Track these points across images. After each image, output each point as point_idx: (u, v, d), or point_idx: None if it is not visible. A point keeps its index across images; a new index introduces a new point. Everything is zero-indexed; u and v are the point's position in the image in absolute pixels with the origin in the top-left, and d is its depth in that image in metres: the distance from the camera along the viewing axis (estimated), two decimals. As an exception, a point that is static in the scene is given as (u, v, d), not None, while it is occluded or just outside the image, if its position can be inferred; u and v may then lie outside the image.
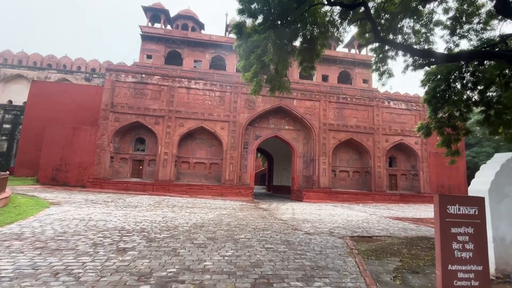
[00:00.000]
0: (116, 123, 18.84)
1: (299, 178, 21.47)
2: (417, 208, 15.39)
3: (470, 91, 11.12)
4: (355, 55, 30.13)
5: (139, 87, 19.54)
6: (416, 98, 23.33)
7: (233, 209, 11.30)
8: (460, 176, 23.49)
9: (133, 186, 18.35)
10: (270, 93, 8.51)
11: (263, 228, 6.64)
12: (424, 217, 11.22)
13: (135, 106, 19.15)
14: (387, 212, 12.39)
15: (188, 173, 20.28)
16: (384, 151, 21.80)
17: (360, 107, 22.16)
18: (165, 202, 12.23)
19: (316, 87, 22.03)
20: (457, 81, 11.10)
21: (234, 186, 19.28)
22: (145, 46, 27.82)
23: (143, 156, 19.94)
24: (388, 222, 9.07)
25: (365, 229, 7.43)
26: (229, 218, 8.35)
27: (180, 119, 19.58)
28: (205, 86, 20.28)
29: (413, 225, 8.49)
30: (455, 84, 11.12)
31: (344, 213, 11.27)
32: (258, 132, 21.45)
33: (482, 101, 10.98)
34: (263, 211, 11.07)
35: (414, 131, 22.45)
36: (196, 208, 10.87)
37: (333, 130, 21.37)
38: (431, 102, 11.17)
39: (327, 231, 6.74)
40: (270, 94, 8.53)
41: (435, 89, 10.97)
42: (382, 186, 21.23)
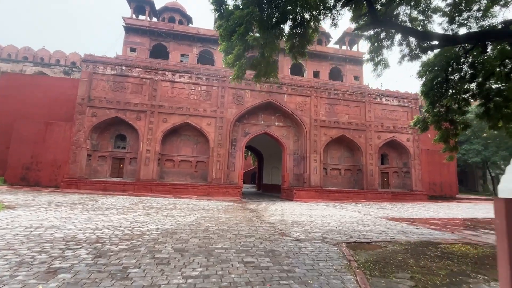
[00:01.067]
0: (94, 119, 17.50)
1: (290, 177, 20.68)
2: (411, 207, 14.84)
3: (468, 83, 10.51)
4: (346, 51, 29.61)
5: (119, 80, 18.23)
6: (408, 95, 22.92)
7: (217, 210, 10.34)
8: (451, 174, 23.28)
9: (112, 186, 17.09)
10: (255, 80, 7.57)
11: (246, 234, 5.72)
12: (421, 217, 10.57)
13: (114, 100, 17.84)
14: (381, 212, 11.70)
15: (172, 172, 19.14)
16: (376, 148, 21.27)
17: (352, 103, 21.53)
18: (143, 204, 11.14)
19: (307, 82, 21.26)
20: (455, 73, 10.48)
21: (221, 185, 18.29)
22: (128, 39, 26.40)
23: (123, 153, 18.66)
24: (384, 223, 8.32)
25: (362, 232, 6.62)
26: (209, 221, 7.39)
27: (163, 115, 18.40)
28: (191, 80, 19.15)
29: (412, 227, 7.76)
30: (453, 75, 10.50)
31: (337, 214, 10.50)
32: (247, 128, 20.51)
33: (481, 93, 10.37)
34: (250, 213, 10.16)
35: (407, 128, 22.08)
36: (176, 210, 9.85)
37: (325, 127, 20.65)
38: (428, 94, 10.52)
39: (319, 237, 5.88)
40: (255, 80, 7.58)
41: (432, 81, 10.30)
42: (374, 184, 20.70)
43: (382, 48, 10.24)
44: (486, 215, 11.88)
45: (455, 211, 13.58)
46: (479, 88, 10.25)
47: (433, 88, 10.41)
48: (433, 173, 22.68)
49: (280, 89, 20.30)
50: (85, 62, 18.01)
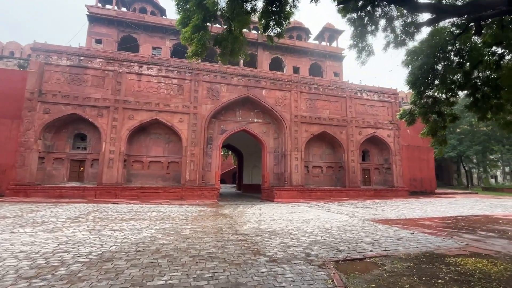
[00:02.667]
0: (46, 116, 15.30)
1: (270, 176, 19.56)
2: (396, 205, 14.22)
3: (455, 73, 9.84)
4: (326, 47, 29.01)
5: (76, 71, 16.11)
6: (388, 90, 22.62)
7: (184, 218, 8.92)
8: (431, 169, 23.33)
9: (70, 193, 15.03)
10: (220, 59, 6.23)
11: (209, 256, 4.43)
12: (410, 217, 9.79)
13: (71, 95, 15.72)
14: (367, 213, 10.83)
15: (141, 174, 17.33)
16: (358, 145, 20.70)
17: (333, 98, 20.79)
18: (96, 214, 9.45)
19: (287, 76, 20.22)
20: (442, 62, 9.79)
21: (195, 188, 16.77)
22: (93, 30, 24.02)
23: (84, 155, 16.57)
24: (374, 228, 7.34)
25: (351, 243, 5.53)
26: (167, 236, 6.00)
27: (129, 111, 16.53)
28: (160, 73, 17.40)
29: (406, 232, 6.82)
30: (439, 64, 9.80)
31: (320, 217, 9.45)
32: (224, 125, 19.10)
33: (468, 83, 9.72)
34: (223, 220, 8.85)
35: (387, 123, 21.71)
36: (134, 220, 8.32)
37: (306, 123, 19.73)
38: (415, 84, 9.71)
39: (301, 253, 4.71)
40: (220, 59, 6.24)
41: (420, 69, 9.51)
42: (356, 181, 20.12)
43: (366, 34, 9.23)
44: (473, 212, 11.41)
45: (440, 207, 13.10)
46: (466, 77, 9.58)
47: (419, 77, 9.65)
48: (413, 168, 22.57)
49: (258, 83, 19.08)
50: (36, 51, 15.71)
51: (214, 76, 18.28)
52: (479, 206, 13.81)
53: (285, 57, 27.98)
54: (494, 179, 39.31)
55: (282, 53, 27.89)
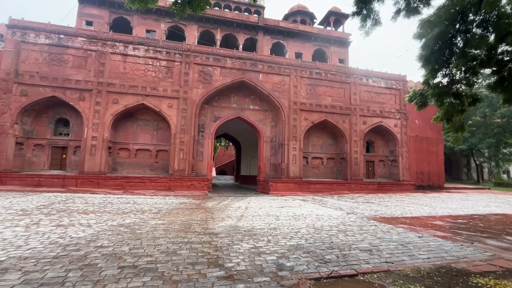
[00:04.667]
0: (23, 98, 14.21)
1: (266, 167, 18.34)
2: (401, 200, 12.89)
3: (476, 47, 8.28)
4: (331, 31, 27.14)
5: (56, 51, 14.90)
6: (397, 76, 20.92)
7: (156, 212, 7.79)
8: (439, 162, 21.78)
9: (49, 181, 14.07)
10: (174, 9, 4.91)
11: (145, 267, 3.30)
12: (417, 215, 8.49)
13: (50, 76, 14.57)
14: (368, 209, 9.56)
15: (128, 163, 16.28)
16: (362, 135, 19.24)
17: (336, 84, 19.24)
18: (61, 205, 8.41)
19: (286, 60, 18.69)
20: (461, 34, 8.24)
21: (185, 178, 15.67)
22: (83, 10, 22.64)
23: (66, 141, 15.55)
24: (374, 228, 6.08)
25: (342, 250, 4.30)
26: (116, 236, 4.87)
27: (113, 94, 15.34)
28: (147, 53, 16.08)
29: (413, 234, 5.54)
30: (458, 38, 8.26)
31: (312, 213, 8.21)
32: (217, 112, 17.82)
33: (492, 59, 8.16)
34: (200, 214, 7.69)
35: (394, 112, 20.10)
36: (97, 213, 7.22)
37: (305, 110, 18.30)
38: (429, 59, 8.21)
39: (272, 264, 3.51)
40: (174, 10, 4.92)
41: (435, 41, 8.00)
42: (359, 174, 18.77)
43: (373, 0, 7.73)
44: (489, 210, 10.04)
45: (451, 204, 11.73)
46: (490, 52, 8.03)
47: (434, 51, 8.17)
48: (421, 161, 21.07)
49: (254, 67, 17.63)
50: (11, 28, 14.50)
51: (206, 58, 16.89)
52: (495, 203, 12.39)
53: (287, 42, 26.28)
54: (506, 174, 37.42)
55: (284, 38, 26.17)
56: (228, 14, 23.94)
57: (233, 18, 23.78)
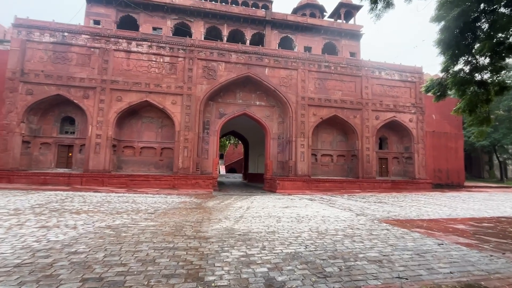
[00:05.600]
0: (29, 97, 14.26)
1: (273, 165, 17.75)
2: (417, 200, 12.00)
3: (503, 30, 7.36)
4: (341, 24, 26.06)
5: (60, 49, 14.85)
6: (412, 68, 19.74)
7: (151, 212, 7.40)
8: (459, 159, 20.46)
9: (55, 179, 14.08)
10: None
11: (111, 280, 2.79)
12: (435, 217, 7.69)
13: (55, 75, 14.55)
14: (380, 209, 8.82)
15: (132, 161, 16.12)
16: (374, 131, 18.28)
17: (346, 78, 18.34)
18: (57, 204, 8.19)
19: (293, 53, 17.96)
20: (485, 15, 7.36)
21: (189, 176, 15.33)
22: (91, 10, 22.68)
23: (72, 140, 15.54)
24: (386, 233, 5.41)
25: (347, 260, 3.70)
26: (97, 239, 4.49)
27: (117, 92, 15.17)
28: (150, 50, 15.80)
29: (432, 241, 4.84)
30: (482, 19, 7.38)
31: (319, 214, 7.59)
32: (223, 108, 17.37)
33: (523, 42, 7.23)
34: (197, 215, 7.24)
35: (409, 106, 18.97)
36: (89, 213, 6.92)
37: (314, 106, 17.54)
38: (449, 44, 7.37)
39: (260, 279, 3.04)
40: None
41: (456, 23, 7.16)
42: (371, 172, 17.85)
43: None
44: (518, 211, 9.05)
45: (473, 204, 10.76)
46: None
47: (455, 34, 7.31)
48: (439, 158, 19.84)
49: (260, 61, 17.02)
50: (17, 27, 14.56)
51: (210, 53, 16.43)
52: (522, 204, 11.29)
53: (295, 37, 25.45)
54: (532, 171, 35.03)
55: (293, 32, 25.35)
56: (235, 9, 23.39)
57: (239, 13, 23.22)
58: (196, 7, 22.95)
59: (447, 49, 7.37)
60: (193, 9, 23.00)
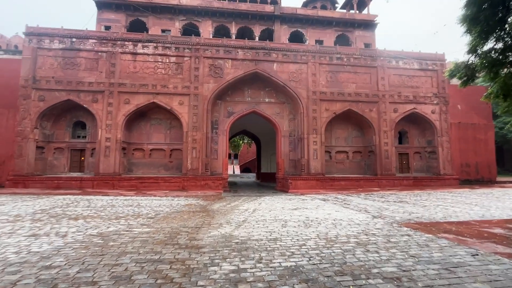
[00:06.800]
0: (41, 103, 14.54)
1: (285, 163, 17.08)
2: (442, 198, 10.90)
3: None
4: (354, 14, 24.82)
5: (69, 55, 15.04)
6: (432, 55, 18.30)
7: (153, 216, 7.06)
8: (490, 152, 18.73)
9: (67, 183, 14.27)
10: None
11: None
12: (465, 218, 6.74)
13: (64, 80, 14.74)
14: (400, 210, 7.96)
15: (142, 163, 16.08)
16: (392, 124, 17.10)
17: (360, 69, 17.29)
18: (59, 209, 8.07)
19: (302, 47, 17.18)
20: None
21: (198, 177, 15.03)
22: (102, 16, 23.03)
23: (83, 144, 15.73)
24: (407, 240, 4.66)
25: (357, 276, 3.07)
26: (80, 250, 4.18)
27: (124, 94, 15.14)
28: (156, 50, 15.66)
29: (463, 250, 4.07)
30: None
31: (330, 217, 6.90)
32: (231, 107, 16.93)
33: None
34: (198, 219, 6.80)
35: (431, 97, 17.55)
36: (87, 219, 6.68)
37: (326, 100, 16.67)
38: (477, 20, 6.42)
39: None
40: None
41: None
42: (391, 168, 16.71)
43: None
44: None
45: (510, 203, 9.56)
46: None
47: (484, 10, 6.35)
48: (466, 151, 18.26)
49: (268, 56, 16.40)
50: (28, 36, 14.89)
51: (216, 50, 16.04)
52: None
53: (306, 30, 24.54)
54: None
55: (303, 26, 24.46)
56: (243, 6, 22.91)
57: (247, 10, 22.69)
58: (204, 7, 22.66)
59: (474, 25, 6.40)
60: (200, 8, 22.72)
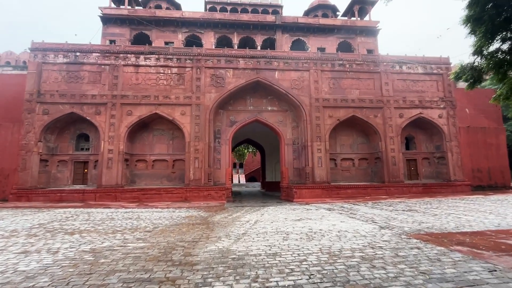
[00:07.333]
0: (45, 117, 14.69)
1: (289, 172, 16.76)
2: (454, 206, 10.41)
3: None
4: (356, 21, 24.83)
5: (73, 69, 15.28)
6: (437, 59, 18.00)
7: (150, 230, 6.84)
8: (501, 157, 18.07)
9: (70, 196, 14.21)
10: None
11: None
12: (481, 228, 6.31)
13: (68, 93, 14.92)
14: (409, 219, 7.55)
15: (145, 175, 15.97)
16: (399, 130, 16.71)
17: (363, 75, 17.09)
18: (56, 223, 7.93)
19: (304, 54, 17.13)
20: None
21: (201, 188, 14.80)
22: (107, 31, 23.53)
23: (87, 156, 15.75)
24: (416, 254, 4.32)
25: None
26: (69, 268, 3.99)
27: (127, 106, 15.21)
28: (158, 62, 15.79)
29: (479, 265, 3.72)
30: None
31: (334, 229, 6.56)
32: (233, 116, 16.84)
33: None
34: (198, 232, 6.55)
35: (437, 101, 17.17)
36: (83, 233, 6.50)
37: (329, 107, 16.45)
38: (480, 19, 6.22)
39: None
40: None
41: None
42: (399, 175, 16.21)
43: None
44: None
45: (526, 209, 9.03)
46: None
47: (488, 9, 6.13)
48: (477, 156, 17.65)
49: (269, 65, 16.38)
50: (34, 51, 15.22)
51: (217, 60, 16.10)
52: None
53: (307, 38, 24.61)
54: None
55: (304, 34, 24.56)
56: (244, 17, 23.21)
57: (249, 20, 22.96)
58: (206, 19, 23.00)
59: (478, 25, 6.17)
60: (202, 20, 23.05)
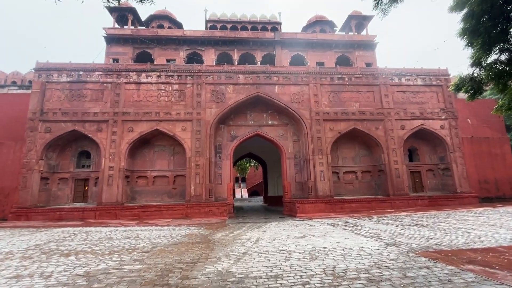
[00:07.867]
0: (47, 135, 14.77)
1: (291, 186, 16.52)
2: (462, 219, 10.07)
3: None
4: (353, 36, 25.35)
5: (76, 87, 15.53)
6: (436, 71, 18.13)
7: (149, 250, 6.63)
8: (508, 167, 17.74)
9: (70, 214, 14.02)
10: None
11: None
12: (492, 244, 6.03)
13: (70, 111, 15.08)
14: (417, 235, 7.27)
15: (146, 191, 15.81)
16: (401, 142, 16.56)
17: (363, 88, 17.18)
18: (53, 244, 7.74)
19: (303, 69, 17.34)
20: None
21: (202, 204, 14.57)
22: (110, 50, 24.15)
23: (87, 173, 15.69)
24: (425, 274, 4.09)
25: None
26: None
27: (128, 123, 15.30)
28: (160, 79, 16.04)
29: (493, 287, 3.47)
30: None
31: (338, 247, 6.31)
32: (234, 131, 16.84)
33: None
34: (197, 251, 6.33)
35: (438, 112, 17.11)
36: (78, 255, 6.31)
37: (330, 120, 16.43)
38: (477, 31, 6.25)
39: None
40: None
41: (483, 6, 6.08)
42: (403, 187, 15.89)
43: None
44: None
45: (538, 222, 8.70)
46: None
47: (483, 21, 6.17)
48: (483, 167, 17.34)
49: (269, 79, 16.56)
50: (38, 71, 15.56)
51: (218, 76, 16.32)
52: None
53: (306, 53, 25.04)
54: None
55: (303, 49, 25.02)
56: (244, 34, 23.79)
57: (249, 37, 23.51)
58: (207, 37, 23.57)
59: (475, 37, 6.20)
60: (203, 38, 23.60)
